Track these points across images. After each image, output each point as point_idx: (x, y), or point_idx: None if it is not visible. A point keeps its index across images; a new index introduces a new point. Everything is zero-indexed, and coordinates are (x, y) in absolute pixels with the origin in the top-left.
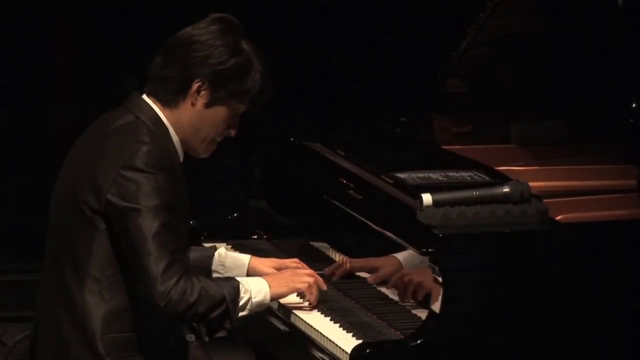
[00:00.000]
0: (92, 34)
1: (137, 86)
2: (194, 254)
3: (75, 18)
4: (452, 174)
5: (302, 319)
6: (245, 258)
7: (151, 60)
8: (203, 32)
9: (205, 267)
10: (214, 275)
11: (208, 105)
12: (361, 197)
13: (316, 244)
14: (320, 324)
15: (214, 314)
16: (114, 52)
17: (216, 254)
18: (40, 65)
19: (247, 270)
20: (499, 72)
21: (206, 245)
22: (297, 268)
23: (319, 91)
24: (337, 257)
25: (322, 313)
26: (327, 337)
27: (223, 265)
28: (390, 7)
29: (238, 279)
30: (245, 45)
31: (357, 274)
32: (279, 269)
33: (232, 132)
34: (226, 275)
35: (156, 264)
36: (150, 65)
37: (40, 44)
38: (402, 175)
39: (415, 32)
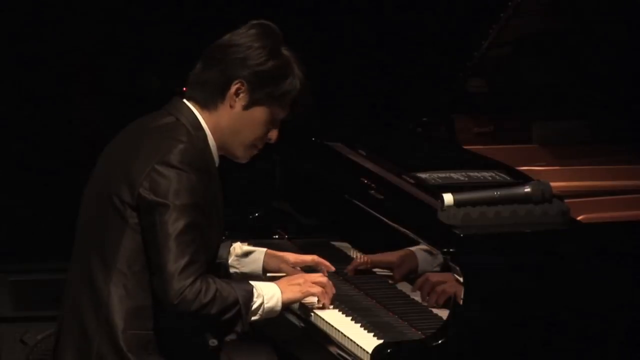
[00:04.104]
0: (116, 34)
1: (160, 87)
2: None
3: (97, 18)
4: (473, 174)
5: (323, 319)
6: (260, 252)
7: (173, 61)
8: (241, 35)
9: (222, 262)
10: (231, 270)
11: (246, 107)
12: (382, 197)
13: (337, 244)
14: (342, 324)
15: (226, 317)
16: (137, 52)
17: (231, 248)
18: (64, 65)
19: (263, 264)
20: (520, 72)
21: None
22: (314, 265)
23: (340, 91)
24: (359, 257)
25: (343, 313)
26: (348, 337)
27: (239, 259)
28: (412, 6)
29: (252, 283)
30: (285, 51)
31: (379, 272)
32: (295, 265)
33: (272, 138)
34: (243, 269)
35: (175, 262)
36: (190, 73)
37: (63, 44)
38: (423, 175)
39: (437, 32)
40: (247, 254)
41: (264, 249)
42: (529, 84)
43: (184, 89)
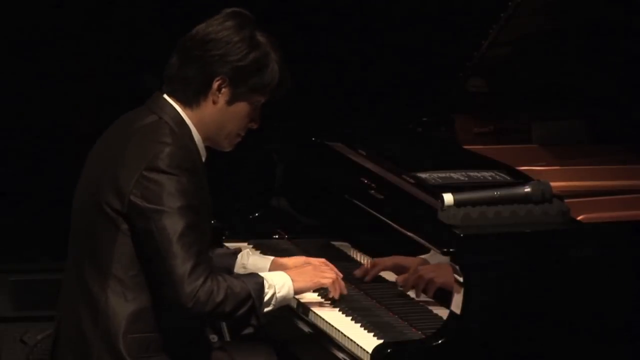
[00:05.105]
0: (110, 34)
1: (157, 85)
2: (217, 255)
3: (94, 18)
4: (473, 173)
5: (323, 319)
6: (267, 261)
7: (168, 59)
8: (218, 29)
9: (227, 269)
10: None
11: (230, 102)
12: (382, 197)
13: (337, 244)
14: (342, 324)
15: (241, 312)
16: (132, 51)
17: (239, 256)
18: (58, 65)
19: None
20: (520, 72)
21: (228, 245)
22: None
23: (340, 91)
24: (359, 257)
25: (343, 312)
26: (348, 337)
27: (245, 267)
28: (412, 6)
29: (261, 274)
30: (261, 38)
31: (379, 274)
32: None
33: (255, 125)
34: None
35: (182, 266)
36: (166, 65)
37: (56, 44)
38: (423, 175)
39: (438, 31)
40: (253, 263)
41: (271, 257)
42: (529, 84)
43: None
